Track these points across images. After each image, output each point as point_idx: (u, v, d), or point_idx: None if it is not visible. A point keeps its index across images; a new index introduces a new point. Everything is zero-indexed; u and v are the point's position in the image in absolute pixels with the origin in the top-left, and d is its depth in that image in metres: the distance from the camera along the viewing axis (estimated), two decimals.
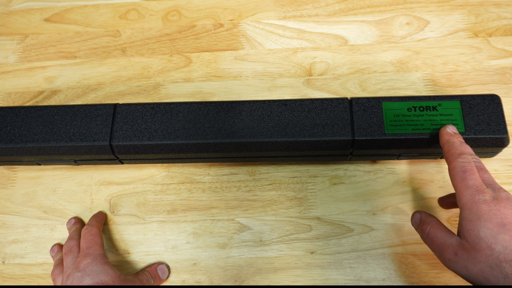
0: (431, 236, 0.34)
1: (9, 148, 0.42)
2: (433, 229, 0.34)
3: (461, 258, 0.31)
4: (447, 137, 0.37)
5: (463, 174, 0.33)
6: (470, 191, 0.32)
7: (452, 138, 0.37)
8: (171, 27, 0.53)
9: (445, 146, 0.36)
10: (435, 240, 0.33)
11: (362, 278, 0.40)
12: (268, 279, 0.41)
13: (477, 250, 0.30)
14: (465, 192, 0.32)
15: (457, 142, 0.36)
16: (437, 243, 0.33)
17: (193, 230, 0.44)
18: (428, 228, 0.35)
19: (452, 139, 0.36)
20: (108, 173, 0.47)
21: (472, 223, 0.30)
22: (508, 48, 0.48)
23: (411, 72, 0.48)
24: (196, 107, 0.42)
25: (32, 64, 0.53)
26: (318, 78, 0.49)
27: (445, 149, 0.36)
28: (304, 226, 0.43)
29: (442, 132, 0.38)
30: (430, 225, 0.35)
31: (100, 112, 0.43)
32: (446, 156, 0.36)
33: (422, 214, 0.36)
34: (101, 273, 0.37)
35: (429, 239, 0.34)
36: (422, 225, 0.35)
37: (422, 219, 0.36)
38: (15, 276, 0.44)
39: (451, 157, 0.35)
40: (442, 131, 0.38)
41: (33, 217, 0.46)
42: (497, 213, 0.30)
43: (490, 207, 0.30)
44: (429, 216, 0.36)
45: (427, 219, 0.35)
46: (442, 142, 0.37)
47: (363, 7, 0.52)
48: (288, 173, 0.45)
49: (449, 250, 0.32)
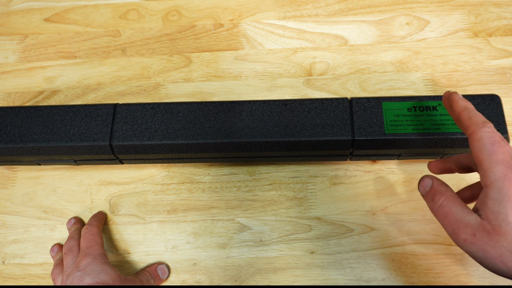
0: (445, 209, 0.29)
1: (9, 148, 0.42)
2: (447, 202, 0.29)
3: (480, 240, 0.27)
4: (464, 103, 0.31)
5: (491, 146, 0.28)
6: (501, 168, 0.27)
7: (469, 104, 0.31)
8: (171, 27, 0.53)
9: (463, 113, 0.31)
10: (450, 215, 0.29)
11: (362, 278, 0.40)
12: (268, 279, 0.41)
13: (501, 234, 0.26)
14: (494, 169, 0.27)
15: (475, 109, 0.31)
16: (452, 219, 0.29)
17: (193, 230, 0.44)
18: (441, 199, 0.30)
19: (470, 105, 0.31)
20: (108, 173, 0.47)
21: (501, 204, 0.27)
22: (508, 48, 0.48)
23: (411, 72, 0.48)
24: (196, 107, 0.42)
25: (32, 64, 0.53)
26: (318, 78, 0.49)
27: (463, 117, 0.31)
28: (304, 226, 0.43)
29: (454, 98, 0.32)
30: (444, 196, 0.30)
31: (100, 112, 0.43)
32: (467, 124, 0.30)
33: (434, 181, 0.31)
34: (101, 273, 0.37)
35: (441, 213, 0.29)
36: (434, 194, 0.30)
37: (434, 187, 0.31)
38: (15, 276, 0.44)
39: (474, 125, 0.29)
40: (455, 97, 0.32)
41: (33, 217, 0.46)
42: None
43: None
44: (442, 185, 0.31)
45: (440, 188, 0.30)
46: (458, 110, 0.31)
47: (363, 7, 0.52)
48: (288, 173, 0.45)
49: (466, 230, 0.28)
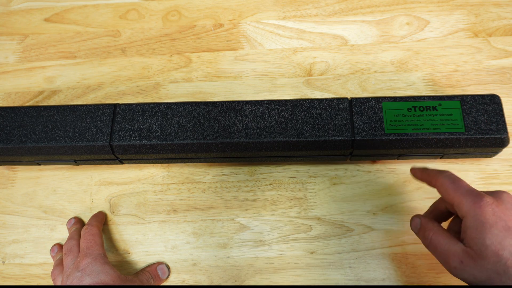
0: (434, 243, 0.32)
1: (9, 148, 0.42)
2: (435, 236, 0.32)
3: (467, 266, 0.30)
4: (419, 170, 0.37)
5: (453, 184, 0.32)
6: (469, 197, 0.31)
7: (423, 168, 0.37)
8: (171, 27, 0.53)
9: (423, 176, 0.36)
10: (439, 247, 0.32)
11: (362, 278, 0.40)
12: (268, 279, 0.41)
13: (483, 258, 0.29)
14: (464, 199, 0.31)
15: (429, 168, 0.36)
16: (441, 251, 0.32)
17: (193, 230, 0.44)
18: (430, 234, 0.33)
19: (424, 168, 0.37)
20: (108, 173, 0.47)
21: (478, 230, 0.29)
22: (508, 48, 0.48)
23: (411, 72, 0.48)
24: (196, 107, 0.42)
25: (32, 64, 0.53)
26: (318, 78, 0.49)
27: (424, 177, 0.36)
28: (304, 226, 0.43)
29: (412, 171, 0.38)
30: (432, 231, 0.33)
31: (100, 112, 0.43)
32: (428, 180, 0.35)
33: (422, 219, 0.35)
34: (101, 273, 0.37)
35: (432, 246, 0.33)
36: (424, 231, 0.34)
37: (422, 225, 0.34)
38: (15, 276, 0.44)
39: (434, 177, 0.34)
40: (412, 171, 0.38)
41: (33, 217, 0.46)
42: (502, 216, 0.29)
43: (493, 209, 0.29)
44: (429, 222, 0.34)
45: (427, 225, 0.34)
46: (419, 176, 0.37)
47: (363, 7, 0.52)
48: (288, 173, 0.45)
49: (454, 258, 0.31)
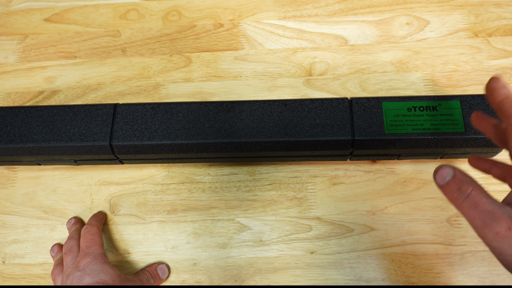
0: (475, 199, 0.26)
1: (9, 148, 0.42)
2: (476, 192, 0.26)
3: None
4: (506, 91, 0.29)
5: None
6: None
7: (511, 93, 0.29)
8: (171, 27, 0.53)
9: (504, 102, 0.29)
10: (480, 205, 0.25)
11: (362, 278, 0.40)
12: (268, 279, 0.41)
13: None
14: None
15: None
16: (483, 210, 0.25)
17: (193, 230, 0.44)
18: (470, 189, 0.26)
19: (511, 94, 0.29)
20: (108, 173, 0.47)
21: None
22: (508, 48, 0.48)
23: (411, 72, 0.48)
24: (196, 107, 0.42)
25: (32, 64, 0.53)
26: (318, 78, 0.49)
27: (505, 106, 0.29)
28: (304, 226, 0.43)
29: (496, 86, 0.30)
30: (472, 185, 0.26)
31: (100, 112, 0.43)
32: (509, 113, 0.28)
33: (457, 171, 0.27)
34: (101, 273, 0.37)
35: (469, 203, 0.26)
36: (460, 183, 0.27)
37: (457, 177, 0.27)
38: (15, 276, 0.44)
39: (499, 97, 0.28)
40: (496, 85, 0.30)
41: (33, 217, 0.46)
42: None
43: None
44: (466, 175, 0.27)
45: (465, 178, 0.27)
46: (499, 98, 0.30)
47: (363, 7, 0.52)
48: (288, 173, 0.45)
49: (501, 222, 0.24)
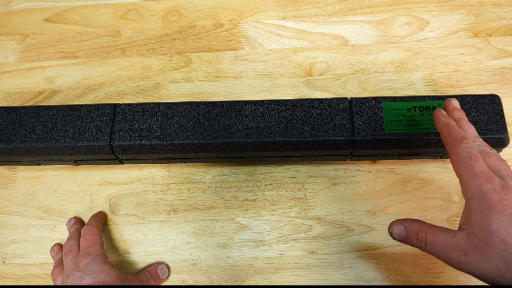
0: (432, 242, 0.30)
1: (9, 148, 0.42)
2: (430, 234, 0.30)
3: (473, 256, 0.28)
4: (445, 120, 0.33)
5: (468, 161, 0.29)
6: (478, 180, 0.29)
7: (450, 121, 0.33)
8: (171, 27, 0.53)
9: (443, 130, 0.33)
10: (437, 244, 0.29)
11: (362, 278, 0.40)
12: (268, 279, 0.41)
13: (489, 245, 0.27)
14: (473, 181, 0.29)
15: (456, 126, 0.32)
16: (441, 247, 0.29)
17: (193, 230, 0.44)
18: (423, 235, 0.30)
19: (450, 122, 0.33)
20: (108, 173, 0.47)
21: (483, 215, 0.27)
22: (508, 48, 0.48)
23: (411, 72, 0.48)
24: (196, 107, 0.42)
25: (32, 64, 0.53)
26: (318, 78, 0.49)
27: (443, 134, 0.32)
28: (304, 226, 0.43)
29: (437, 115, 0.34)
30: (424, 231, 0.30)
31: (100, 112, 0.43)
32: (447, 141, 0.32)
33: (405, 223, 0.32)
34: (101, 273, 0.37)
35: (430, 246, 0.30)
36: (413, 234, 0.31)
37: (408, 229, 0.31)
38: (15, 276, 0.44)
39: (453, 142, 0.31)
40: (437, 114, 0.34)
41: (33, 217, 0.46)
42: (509, 203, 0.27)
43: (501, 197, 0.27)
44: (415, 222, 0.31)
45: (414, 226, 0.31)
46: (439, 126, 0.33)
47: (363, 7, 0.52)
48: (288, 173, 0.45)
49: (457, 252, 0.28)
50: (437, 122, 0.34)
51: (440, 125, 0.34)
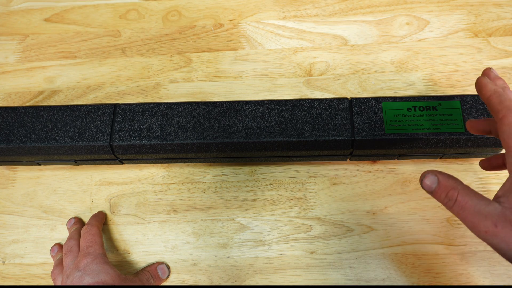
0: (461, 204, 0.27)
1: (9, 148, 0.42)
2: (462, 196, 0.27)
3: (502, 230, 0.25)
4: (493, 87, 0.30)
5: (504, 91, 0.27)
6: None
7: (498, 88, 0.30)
8: (171, 27, 0.53)
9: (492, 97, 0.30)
10: (467, 208, 0.27)
11: (362, 278, 0.40)
12: (268, 279, 0.41)
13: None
14: None
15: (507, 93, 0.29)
16: (470, 212, 0.27)
17: (193, 230, 0.44)
18: (455, 194, 0.28)
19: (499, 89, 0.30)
20: (108, 173, 0.47)
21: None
22: (508, 48, 0.48)
23: (411, 72, 0.48)
24: (196, 107, 0.42)
25: (32, 64, 0.53)
26: (318, 78, 0.49)
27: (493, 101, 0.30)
28: (304, 226, 0.43)
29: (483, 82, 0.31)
30: (457, 190, 0.28)
31: (100, 112, 0.43)
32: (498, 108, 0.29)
33: (440, 176, 0.29)
34: (101, 273, 0.37)
35: (458, 207, 0.27)
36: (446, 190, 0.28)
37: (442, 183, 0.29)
38: (15, 276, 0.44)
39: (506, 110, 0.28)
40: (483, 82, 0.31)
41: (33, 217, 0.46)
42: None
43: None
44: (450, 178, 0.29)
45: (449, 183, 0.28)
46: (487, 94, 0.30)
47: (363, 7, 0.52)
48: (288, 173, 0.45)
49: (487, 221, 0.26)
50: (484, 89, 0.31)
51: (488, 92, 0.30)
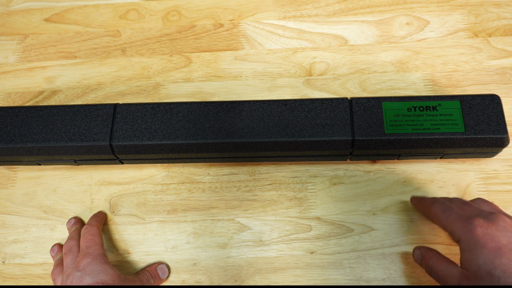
0: (435, 270, 0.35)
1: (9, 148, 0.42)
2: (435, 263, 0.35)
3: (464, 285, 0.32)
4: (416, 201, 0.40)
5: (443, 213, 0.35)
6: (460, 223, 0.33)
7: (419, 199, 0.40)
8: (171, 27, 0.53)
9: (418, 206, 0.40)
10: (439, 273, 0.35)
11: (362, 278, 0.40)
12: (268, 279, 0.41)
13: (477, 278, 0.31)
14: (455, 227, 0.33)
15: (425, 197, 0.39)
16: (441, 276, 0.34)
17: (193, 230, 0.44)
18: (430, 263, 0.36)
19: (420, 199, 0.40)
20: (108, 173, 0.47)
21: (471, 252, 0.31)
22: (508, 48, 0.48)
23: (411, 72, 0.48)
24: (196, 107, 0.42)
25: (32, 64, 0.53)
26: (318, 78, 0.49)
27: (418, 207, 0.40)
28: (304, 226, 0.43)
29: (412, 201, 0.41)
30: (432, 259, 0.36)
31: (100, 112, 0.43)
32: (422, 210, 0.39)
33: (422, 250, 0.38)
34: (101, 273, 0.37)
35: (434, 273, 0.35)
36: (425, 260, 0.37)
37: (423, 255, 0.37)
38: (15, 276, 0.44)
39: (427, 208, 0.37)
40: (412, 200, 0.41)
41: (33, 217, 0.46)
42: (492, 237, 0.31)
43: (483, 231, 0.31)
44: (429, 251, 0.37)
45: (427, 254, 0.37)
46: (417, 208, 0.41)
47: (363, 7, 0.52)
48: (288, 173, 0.45)
49: (453, 281, 0.33)
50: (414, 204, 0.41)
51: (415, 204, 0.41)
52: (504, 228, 0.31)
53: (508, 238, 0.31)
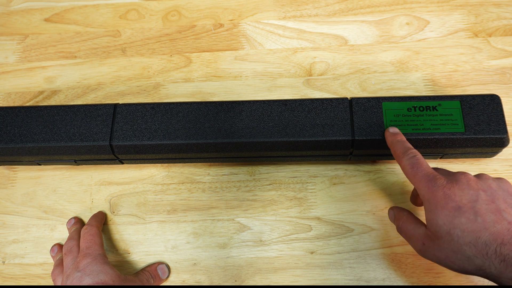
0: (403, 229, 0.36)
1: (9, 148, 0.42)
2: (403, 223, 0.36)
3: (428, 247, 0.32)
4: (390, 139, 0.38)
5: (412, 169, 0.34)
6: (423, 183, 0.32)
7: (394, 138, 0.38)
8: (171, 27, 0.53)
9: (390, 148, 0.38)
10: (407, 232, 0.35)
11: (362, 278, 0.40)
12: (268, 279, 0.41)
13: (439, 238, 0.31)
14: (420, 185, 0.33)
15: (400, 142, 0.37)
16: (408, 235, 0.35)
17: (193, 230, 0.44)
18: (400, 222, 0.36)
19: (395, 138, 0.37)
20: (108, 173, 0.47)
21: (432, 212, 0.31)
22: (508, 48, 0.48)
23: (411, 72, 0.48)
24: (196, 107, 0.42)
25: (32, 64, 0.53)
26: (318, 78, 0.49)
27: (392, 151, 0.37)
28: (304, 226, 0.43)
29: (386, 134, 0.39)
30: (402, 219, 0.36)
31: (100, 112, 0.43)
32: (395, 158, 0.37)
33: (395, 210, 0.38)
34: (101, 273, 0.37)
35: (402, 232, 0.36)
36: (396, 220, 0.37)
37: (395, 214, 0.37)
38: (15, 276, 0.44)
39: (398, 158, 0.36)
40: (385, 134, 0.39)
41: (33, 217, 0.46)
42: (452, 197, 0.31)
43: (444, 192, 0.31)
44: (401, 211, 0.37)
45: (399, 214, 0.37)
46: (388, 145, 0.38)
47: (363, 7, 0.52)
48: (288, 173, 0.45)
49: (418, 241, 0.33)
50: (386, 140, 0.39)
51: (388, 143, 0.38)
52: (468, 187, 0.31)
53: (469, 197, 0.30)
